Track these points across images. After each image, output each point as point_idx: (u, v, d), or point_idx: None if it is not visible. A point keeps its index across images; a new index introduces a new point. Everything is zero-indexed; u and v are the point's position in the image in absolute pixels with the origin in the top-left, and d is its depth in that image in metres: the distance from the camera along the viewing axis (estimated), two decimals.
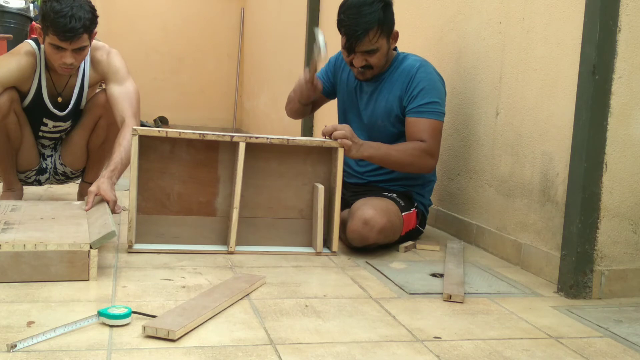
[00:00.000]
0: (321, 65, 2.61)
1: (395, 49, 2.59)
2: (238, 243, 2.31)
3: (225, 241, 2.34)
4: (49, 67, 2.70)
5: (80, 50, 2.55)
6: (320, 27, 4.63)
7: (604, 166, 2.00)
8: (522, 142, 2.36)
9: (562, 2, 2.16)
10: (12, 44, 3.79)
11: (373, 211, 2.30)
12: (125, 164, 2.52)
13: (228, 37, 7.16)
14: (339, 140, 2.32)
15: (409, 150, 2.43)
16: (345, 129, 2.34)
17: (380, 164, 2.47)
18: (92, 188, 2.39)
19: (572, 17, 2.11)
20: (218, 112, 7.21)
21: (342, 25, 2.43)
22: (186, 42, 7.03)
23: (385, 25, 2.43)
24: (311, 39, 4.66)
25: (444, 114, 2.51)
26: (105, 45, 2.75)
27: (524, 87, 2.36)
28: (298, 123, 4.81)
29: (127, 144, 2.51)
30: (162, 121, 6.78)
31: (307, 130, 4.60)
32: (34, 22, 5.03)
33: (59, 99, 2.76)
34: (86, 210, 2.34)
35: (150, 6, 6.93)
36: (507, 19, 2.46)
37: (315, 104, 2.84)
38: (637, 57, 1.98)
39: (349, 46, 2.43)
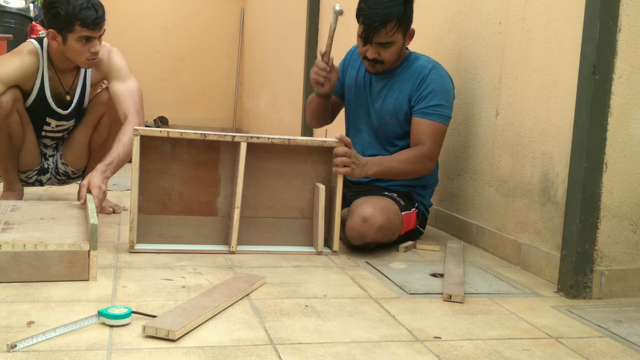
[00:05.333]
0: (330, 44, 2.53)
1: (406, 48, 2.60)
2: (239, 243, 2.31)
3: (226, 241, 2.34)
4: (54, 66, 2.71)
5: (101, 37, 2.63)
6: (320, 29, 4.63)
7: (604, 166, 2.00)
8: (522, 142, 2.36)
9: (562, 2, 2.16)
10: (12, 44, 3.79)
11: (372, 209, 2.31)
12: (123, 160, 2.53)
13: (228, 37, 7.16)
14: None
15: (411, 159, 2.44)
16: (345, 154, 2.31)
17: (384, 177, 2.49)
18: (84, 181, 2.40)
19: (572, 17, 2.11)
20: (218, 112, 7.21)
21: (361, 13, 2.44)
22: (186, 42, 7.03)
23: (404, 20, 2.44)
24: (311, 40, 4.67)
25: (450, 118, 2.52)
26: (106, 44, 2.76)
27: (524, 87, 2.36)
28: (298, 123, 4.81)
29: (126, 140, 2.52)
30: (162, 121, 6.78)
31: (308, 130, 4.60)
32: (34, 22, 5.03)
33: (67, 97, 2.77)
34: (81, 205, 2.35)
35: (150, 6, 6.92)
36: (507, 19, 2.46)
37: (333, 109, 2.81)
38: (637, 57, 1.98)
39: (366, 36, 2.43)
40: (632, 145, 2.02)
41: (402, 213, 2.46)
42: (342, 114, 2.85)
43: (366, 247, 2.40)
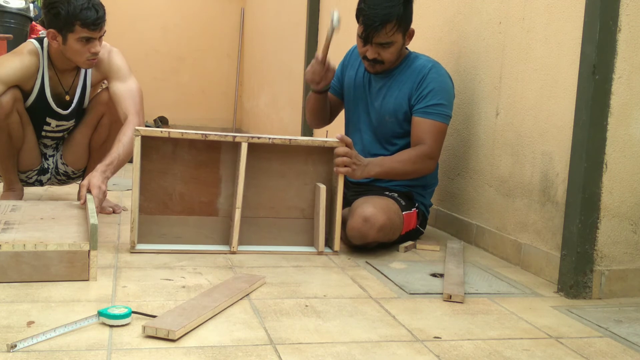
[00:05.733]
0: (327, 45, 2.53)
1: (406, 48, 2.61)
2: (240, 243, 2.31)
3: (227, 241, 2.34)
4: (54, 66, 2.71)
5: (102, 37, 2.63)
6: (320, 29, 4.63)
7: (604, 166, 2.00)
8: (522, 142, 2.36)
9: (562, 2, 2.16)
10: (12, 44, 3.80)
11: (373, 209, 2.31)
12: (123, 160, 2.53)
13: (228, 37, 7.16)
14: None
15: (412, 159, 2.45)
16: (346, 154, 2.31)
17: (386, 177, 2.49)
18: (84, 182, 2.40)
19: (572, 17, 2.11)
20: (218, 112, 7.21)
21: (361, 14, 2.44)
22: (186, 42, 7.03)
23: (404, 20, 2.44)
24: (311, 40, 4.67)
25: (450, 117, 2.52)
26: (107, 44, 2.76)
27: (524, 87, 2.36)
28: (298, 123, 4.81)
29: (126, 140, 2.53)
30: (162, 121, 6.78)
31: (308, 131, 4.60)
32: (34, 22, 5.03)
33: (67, 97, 2.78)
34: (81, 205, 2.35)
35: (150, 6, 6.92)
36: (507, 19, 2.46)
37: (333, 110, 2.81)
38: (637, 57, 1.98)
39: (366, 36, 2.44)
40: (632, 145, 2.02)
41: (403, 213, 2.46)
42: (342, 113, 2.86)
43: (367, 246, 2.40)
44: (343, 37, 3.33)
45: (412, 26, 2.51)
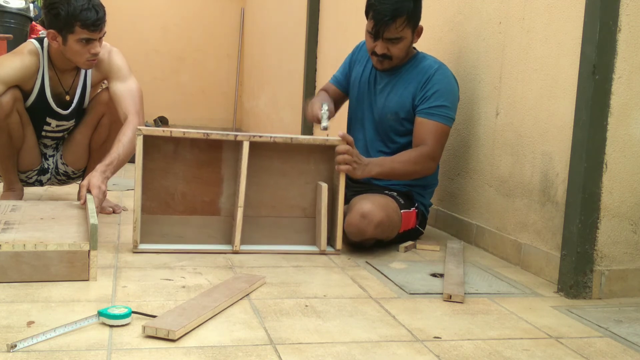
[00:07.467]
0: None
1: (414, 47, 2.61)
2: (242, 242, 2.32)
3: (229, 240, 2.34)
4: (54, 66, 2.71)
5: (102, 38, 2.63)
6: (320, 29, 4.62)
7: (604, 166, 2.00)
8: (522, 142, 2.36)
9: (562, 2, 2.16)
10: (12, 44, 3.80)
11: (371, 205, 2.31)
12: (123, 160, 2.53)
13: (228, 37, 7.16)
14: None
15: (413, 159, 2.45)
16: (347, 152, 2.31)
17: (386, 178, 2.49)
18: (84, 182, 2.40)
19: (572, 17, 2.11)
20: (218, 112, 7.21)
21: (371, 9, 2.46)
22: (186, 42, 7.03)
23: (413, 16, 2.46)
24: (311, 40, 4.67)
25: (453, 119, 2.52)
26: (107, 44, 2.76)
27: (524, 87, 2.36)
28: (298, 123, 4.81)
29: (126, 140, 2.53)
30: (162, 121, 6.78)
31: (308, 130, 4.60)
32: (34, 22, 5.03)
33: (67, 97, 2.78)
34: (81, 205, 2.35)
35: (150, 6, 6.92)
36: (507, 19, 2.46)
37: (337, 103, 2.81)
38: (637, 57, 1.98)
39: (376, 31, 2.45)
40: (632, 145, 2.02)
41: (402, 211, 2.46)
42: (344, 109, 2.86)
43: (364, 243, 2.40)
44: (344, 35, 3.34)
45: None
